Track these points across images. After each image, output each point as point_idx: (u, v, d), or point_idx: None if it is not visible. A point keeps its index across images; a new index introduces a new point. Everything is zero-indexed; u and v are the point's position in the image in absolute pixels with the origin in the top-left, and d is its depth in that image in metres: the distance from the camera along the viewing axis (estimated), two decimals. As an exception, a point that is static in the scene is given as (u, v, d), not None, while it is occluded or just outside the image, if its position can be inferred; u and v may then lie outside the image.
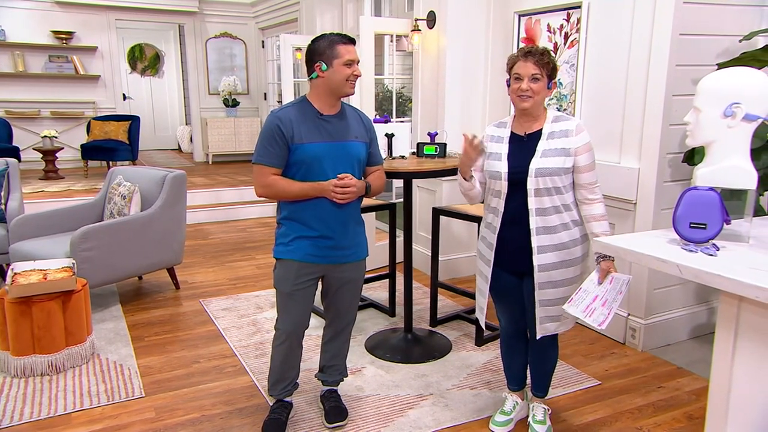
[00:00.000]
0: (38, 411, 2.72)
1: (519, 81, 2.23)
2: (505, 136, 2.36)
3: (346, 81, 2.31)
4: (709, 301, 3.56)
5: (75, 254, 3.57)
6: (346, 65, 2.29)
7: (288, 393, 2.60)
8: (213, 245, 5.65)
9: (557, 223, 2.26)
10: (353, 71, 2.31)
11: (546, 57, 2.22)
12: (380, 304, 3.98)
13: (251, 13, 9.43)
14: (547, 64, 2.22)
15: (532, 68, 2.20)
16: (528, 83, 2.20)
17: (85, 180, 7.48)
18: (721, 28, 3.14)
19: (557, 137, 2.26)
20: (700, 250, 1.63)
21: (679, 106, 3.06)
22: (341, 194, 2.32)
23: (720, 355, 1.64)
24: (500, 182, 2.31)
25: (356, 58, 2.32)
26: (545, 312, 2.33)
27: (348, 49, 2.30)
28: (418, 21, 4.42)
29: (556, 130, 2.27)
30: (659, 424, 2.62)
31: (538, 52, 2.22)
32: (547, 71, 2.22)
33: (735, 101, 1.68)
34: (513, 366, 2.61)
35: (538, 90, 2.21)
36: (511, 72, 2.28)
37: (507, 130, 2.37)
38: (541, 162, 2.23)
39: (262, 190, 2.36)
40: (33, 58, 8.22)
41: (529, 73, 2.20)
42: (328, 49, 2.30)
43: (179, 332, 3.62)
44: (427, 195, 4.61)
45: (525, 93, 2.22)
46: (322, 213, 2.35)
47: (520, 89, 2.22)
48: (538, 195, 2.24)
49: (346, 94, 2.36)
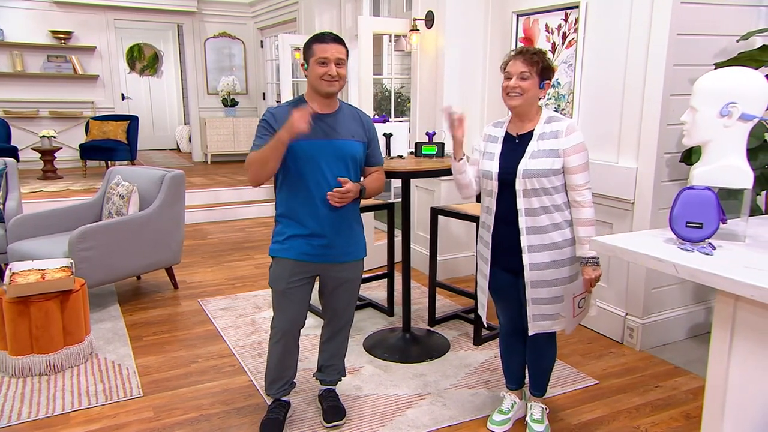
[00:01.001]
0: (36, 411, 2.72)
1: (508, 79, 2.24)
2: (500, 136, 2.37)
3: (321, 79, 2.29)
4: (707, 301, 3.56)
5: (73, 254, 3.57)
6: (319, 63, 2.29)
7: (285, 392, 2.60)
8: (211, 245, 5.65)
9: (547, 223, 2.26)
10: (327, 70, 2.28)
11: (537, 56, 2.22)
12: (378, 304, 3.98)
13: (250, 13, 9.43)
14: (537, 63, 2.21)
15: (521, 66, 2.21)
16: (516, 81, 2.21)
17: (84, 180, 7.47)
18: (718, 28, 3.14)
19: (547, 138, 2.25)
20: (697, 250, 1.64)
21: (676, 106, 3.06)
22: (339, 199, 2.32)
23: (716, 354, 1.65)
24: (491, 182, 2.32)
25: (331, 57, 2.28)
26: (538, 310, 2.34)
27: (322, 48, 2.29)
28: (417, 21, 4.42)
29: (546, 131, 2.26)
30: (657, 423, 2.63)
31: (530, 51, 2.23)
32: (537, 70, 2.21)
33: (731, 101, 1.68)
34: (512, 365, 2.62)
35: (527, 88, 2.21)
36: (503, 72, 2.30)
37: (502, 130, 2.38)
38: (529, 163, 2.23)
39: (248, 173, 2.31)
40: (31, 57, 8.21)
41: (518, 71, 2.21)
42: (308, 48, 2.33)
43: (177, 332, 3.62)
44: (426, 195, 4.61)
45: (513, 90, 2.22)
46: (317, 211, 2.35)
47: (508, 86, 2.24)
48: (527, 196, 2.25)
49: (325, 93, 2.34)
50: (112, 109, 8.63)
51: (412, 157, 3.53)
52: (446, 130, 2.34)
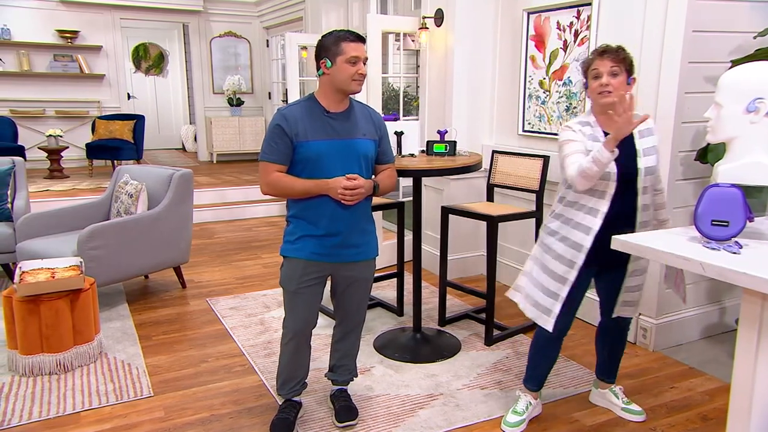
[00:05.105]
0: (47, 410, 2.70)
1: (598, 78, 2.22)
2: (599, 136, 2.28)
3: (351, 80, 2.27)
4: (721, 301, 3.52)
5: (82, 253, 3.55)
6: (349, 63, 2.25)
7: (296, 392, 2.58)
8: (219, 244, 5.63)
9: (652, 216, 2.42)
10: (358, 69, 2.26)
11: (622, 53, 2.22)
12: (388, 304, 3.95)
13: (256, 12, 9.42)
14: (624, 59, 2.22)
15: (610, 63, 2.20)
16: (608, 78, 2.20)
17: (90, 179, 7.46)
18: (734, 25, 3.11)
19: (646, 135, 2.31)
20: (723, 248, 1.61)
21: (691, 104, 3.03)
22: (350, 196, 2.29)
23: (742, 355, 1.61)
24: (607, 182, 2.25)
25: (362, 56, 2.27)
26: (630, 297, 2.50)
27: (353, 47, 2.25)
28: (426, 19, 4.39)
29: (642, 128, 2.29)
30: (673, 425, 2.60)
31: (613, 49, 2.22)
32: (626, 66, 2.22)
33: (759, 96, 1.65)
34: (544, 367, 2.58)
35: (617, 85, 2.20)
36: (587, 72, 2.28)
37: (597, 128, 2.30)
38: (648, 161, 2.28)
39: (267, 187, 2.34)
40: (38, 57, 8.21)
41: (608, 69, 2.20)
42: (334, 46, 2.27)
43: (187, 331, 3.60)
44: (435, 194, 4.58)
45: (605, 88, 2.20)
46: (330, 211, 2.32)
47: (601, 85, 2.21)
48: (645, 192, 2.33)
49: (352, 92, 2.32)
50: (118, 109, 8.62)
51: (423, 155, 3.50)
52: (618, 117, 2.07)
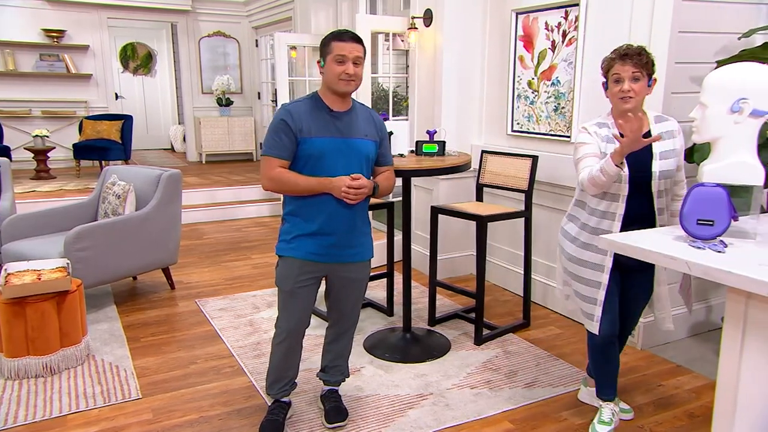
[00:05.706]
0: (33, 413, 2.67)
1: (620, 83, 2.22)
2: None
3: (338, 79, 2.27)
4: (707, 299, 3.56)
5: (69, 254, 3.52)
6: (336, 61, 2.25)
7: (286, 393, 2.57)
8: (208, 245, 5.60)
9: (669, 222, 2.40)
10: (345, 69, 2.25)
11: (645, 56, 2.21)
12: (378, 304, 3.95)
13: (245, 11, 9.38)
14: (646, 64, 2.22)
15: (632, 68, 2.19)
16: (629, 84, 2.20)
17: (77, 180, 7.40)
18: (719, 26, 3.14)
19: (666, 138, 2.30)
20: (708, 247, 1.62)
21: (678, 104, 3.05)
22: (354, 196, 2.28)
23: (727, 352, 1.63)
24: (620, 185, 2.27)
25: (350, 55, 2.26)
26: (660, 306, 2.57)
27: (341, 45, 2.26)
28: (415, 19, 4.40)
29: (663, 131, 2.30)
30: (660, 423, 2.62)
31: (635, 53, 2.21)
32: (648, 70, 2.22)
33: (742, 97, 1.67)
34: (612, 372, 2.53)
35: (639, 90, 2.22)
36: (608, 74, 2.28)
37: (614, 130, 2.31)
38: (663, 164, 2.28)
39: (269, 182, 2.32)
40: (23, 56, 8.12)
41: (630, 74, 2.20)
42: (326, 45, 2.30)
43: (175, 333, 3.58)
44: (424, 194, 4.58)
45: (627, 94, 2.21)
46: (330, 209, 2.32)
47: (622, 90, 2.22)
48: (660, 196, 2.33)
49: (340, 92, 2.31)
50: (105, 109, 8.55)
51: (413, 155, 3.51)
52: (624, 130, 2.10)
